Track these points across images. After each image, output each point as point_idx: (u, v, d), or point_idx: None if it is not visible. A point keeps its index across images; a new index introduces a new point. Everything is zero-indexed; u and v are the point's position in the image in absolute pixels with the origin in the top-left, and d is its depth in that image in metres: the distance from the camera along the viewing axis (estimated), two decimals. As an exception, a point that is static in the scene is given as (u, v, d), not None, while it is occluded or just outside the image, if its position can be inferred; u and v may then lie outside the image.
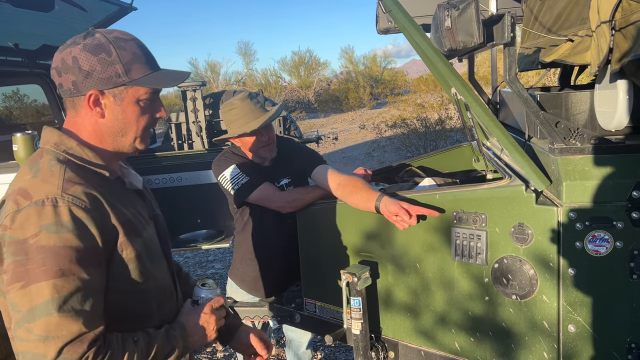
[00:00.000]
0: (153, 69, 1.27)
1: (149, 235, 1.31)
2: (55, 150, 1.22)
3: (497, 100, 2.85)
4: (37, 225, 1.08)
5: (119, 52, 1.21)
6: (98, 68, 1.19)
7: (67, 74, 1.21)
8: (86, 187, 1.16)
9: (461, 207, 1.81)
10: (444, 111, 12.04)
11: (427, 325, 1.96)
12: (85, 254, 1.11)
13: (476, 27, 1.61)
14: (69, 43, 1.22)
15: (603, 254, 1.59)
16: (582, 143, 1.61)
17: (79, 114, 1.26)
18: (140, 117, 1.27)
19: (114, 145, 1.28)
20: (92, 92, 1.21)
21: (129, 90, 1.23)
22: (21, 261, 1.08)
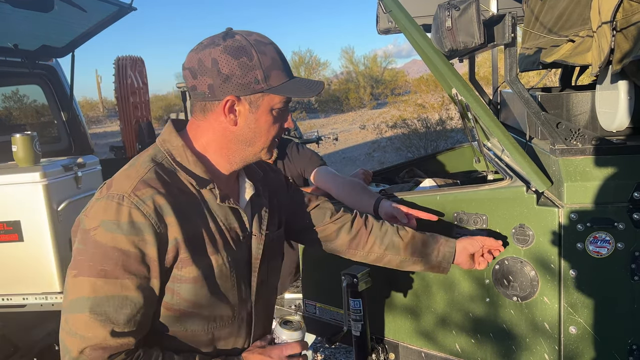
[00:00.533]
0: (289, 77, 1.19)
1: (229, 258, 1.20)
2: (159, 147, 1.19)
3: (498, 100, 2.84)
4: (99, 219, 1.07)
5: (260, 56, 1.13)
6: (238, 72, 1.12)
7: (203, 77, 1.13)
8: (157, 193, 1.10)
9: (462, 208, 1.80)
10: (445, 111, 12.04)
11: (428, 326, 1.95)
12: (135, 261, 1.06)
13: (477, 27, 1.61)
14: (206, 43, 1.15)
15: (604, 255, 1.58)
16: (583, 144, 1.61)
17: (206, 119, 1.19)
18: (271, 126, 1.20)
19: (239, 154, 1.22)
20: (229, 98, 1.14)
21: (265, 98, 1.16)
22: (80, 250, 1.08)
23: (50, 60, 4.15)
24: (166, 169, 1.16)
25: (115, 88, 5.71)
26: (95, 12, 3.64)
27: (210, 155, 1.22)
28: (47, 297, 2.84)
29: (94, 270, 1.05)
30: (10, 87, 4.54)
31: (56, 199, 2.83)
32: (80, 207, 3.24)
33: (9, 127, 4.30)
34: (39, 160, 2.94)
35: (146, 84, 6.35)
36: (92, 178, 3.23)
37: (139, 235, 1.07)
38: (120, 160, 4.44)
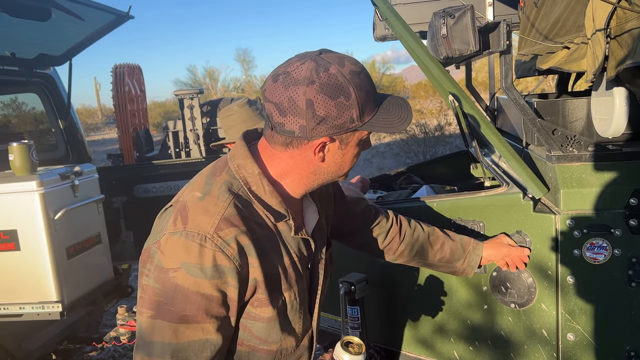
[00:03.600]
0: (378, 103, 1.11)
1: (297, 291, 1.17)
2: (234, 173, 1.11)
3: (494, 106, 2.85)
4: (180, 260, 1.01)
5: (357, 93, 1.04)
6: (334, 114, 1.03)
7: (295, 117, 1.03)
8: (240, 232, 1.04)
9: (459, 215, 1.80)
10: (443, 117, 12.08)
11: (426, 334, 1.94)
12: (217, 305, 1.03)
13: (472, 35, 1.61)
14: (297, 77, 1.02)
15: (601, 261, 1.58)
16: (579, 150, 1.61)
17: (288, 152, 1.10)
18: (355, 157, 1.14)
19: (318, 182, 1.16)
20: (324, 140, 1.06)
21: (355, 134, 1.09)
22: (157, 291, 1.02)
23: (47, 68, 4.15)
24: (244, 201, 1.09)
25: (113, 96, 5.72)
26: (92, 21, 3.64)
27: (285, 183, 1.15)
28: (43, 306, 2.83)
29: (175, 316, 1.00)
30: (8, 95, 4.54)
31: (53, 208, 2.82)
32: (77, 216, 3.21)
33: (6, 136, 4.30)
34: (35, 169, 2.93)
35: (144, 92, 6.36)
36: (89, 186, 3.22)
37: (223, 279, 1.02)
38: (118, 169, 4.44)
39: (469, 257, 1.65)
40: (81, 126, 4.47)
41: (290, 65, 1.05)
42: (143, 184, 4.08)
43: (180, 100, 4.37)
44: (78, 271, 2.99)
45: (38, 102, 4.24)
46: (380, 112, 1.10)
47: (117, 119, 5.74)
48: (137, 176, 4.11)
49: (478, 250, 1.65)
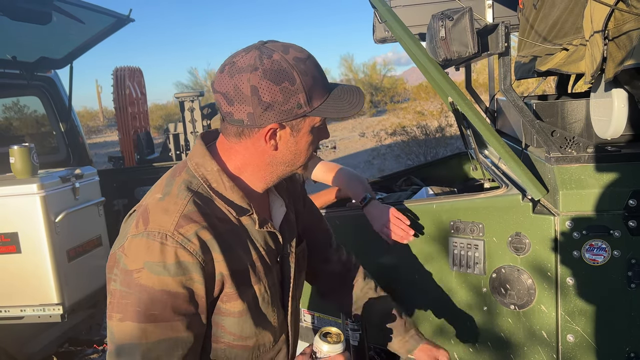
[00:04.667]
0: (328, 90, 1.11)
1: (267, 285, 1.17)
2: (193, 172, 1.12)
3: (494, 108, 2.85)
4: (142, 260, 1.01)
5: (302, 78, 1.05)
6: (280, 99, 1.04)
7: (241, 105, 1.04)
8: (201, 227, 1.05)
9: (458, 217, 1.80)
10: (444, 118, 12.07)
11: (426, 335, 1.94)
12: (184, 301, 1.03)
13: (470, 37, 1.62)
14: (241, 65, 1.04)
15: (601, 263, 1.58)
16: (578, 152, 1.61)
17: (242, 143, 1.12)
18: (310, 145, 1.15)
19: (277, 174, 1.17)
20: (273, 127, 1.07)
21: (306, 120, 1.10)
22: (125, 294, 1.02)
23: (48, 71, 4.16)
24: (204, 198, 1.10)
25: (114, 99, 5.73)
26: (93, 24, 3.65)
27: (245, 177, 1.16)
28: (44, 308, 2.83)
29: (142, 316, 1.00)
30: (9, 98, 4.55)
31: (54, 211, 2.83)
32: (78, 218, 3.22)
33: (7, 139, 4.31)
34: (36, 172, 2.94)
35: (144, 94, 6.37)
36: (90, 189, 3.23)
37: (187, 275, 1.02)
38: (119, 171, 4.45)
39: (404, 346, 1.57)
40: (82, 129, 4.48)
41: (236, 56, 1.07)
42: (144, 187, 4.09)
43: (180, 102, 4.37)
44: (79, 273, 3.00)
45: (39, 105, 4.25)
46: (330, 98, 1.10)
47: (118, 121, 5.74)
48: (138, 179, 4.12)
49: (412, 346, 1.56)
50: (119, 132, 5.70)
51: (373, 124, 18.11)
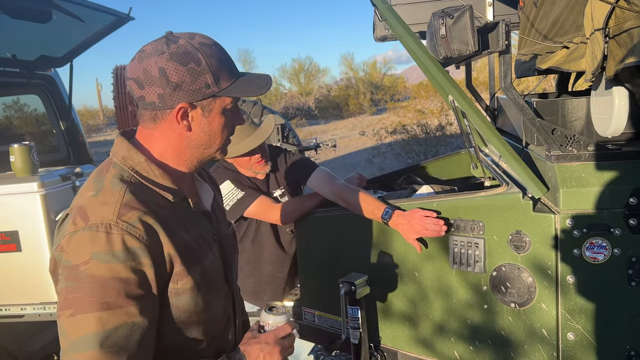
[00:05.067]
0: (236, 75, 1.18)
1: (210, 261, 1.23)
2: (121, 165, 1.15)
3: (495, 106, 2.85)
4: (89, 252, 1.03)
5: (207, 60, 1.12)
6: (187, 79, 1.10)
7: (151, 87, 1.10)
8: (143, 214, 1.08)
9: (459, 215, 1.80)
10: (444, 117, 12.06)
11: (426, 334, 1.94)
12: (136, 286, 1.05)
13: (471, 35, 1.61)
14: (149, 51, 1.12)
15: (601, 261, 1.58)
16: (578, 150, 1.61)
17: (158, 127, 1.16)
18: (225, 126, 1.20)
19: (195, 157, 1.21)
20: (182, 105, 1.12)
21: (216, 101, 1.16)
22: (72, 288, 1.02)
23: (48, 70, 4.16)
24: (138, 187, 1.13)
25: (114, 97, 5.72)
26: (93, 23, 3.64)
27: (170, 163, 1.21)
28: (45, 307, 2.84)
29: (96, 305, 1.01)
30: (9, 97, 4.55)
31: (54, 209, 2.83)
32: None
33: (7, 137, 4.30)
34: (36, 170, 2.94)
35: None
36: (91, 187, 3.22)
37: (136, 260, 1.05)
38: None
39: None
40: (82, 127, 4.47)
41: (146, 45, 1.14)
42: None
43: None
44: (79, 272, 2.99)
45: (39, 104, 4.25)
46: (239, 81, 1.17)
47: (118, 120, 5.73)
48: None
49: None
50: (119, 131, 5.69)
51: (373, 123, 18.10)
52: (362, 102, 25.02)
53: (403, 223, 1.88)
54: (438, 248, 1.86)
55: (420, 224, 1.83)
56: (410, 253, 1.93)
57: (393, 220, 1.90)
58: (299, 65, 30.74)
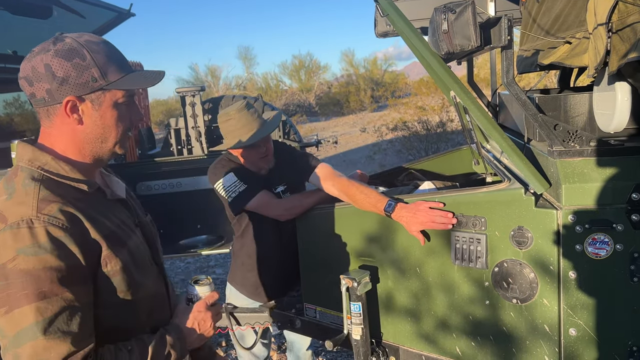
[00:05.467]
0: (127, 71, 1.23)
1: (135, 244, 1.28)
2: (29, 167, 1.17)
3: (496, 102, 2.84)
4: (14, 249, 1.05)
5: (93, 55, 1.16)
6: (73, 74, 1.15)
7: (39, 83, 1.15)
8: (62, 205, 1.12)
9: (461, 211, 1.80)
10: (445, 113, 12.05)
11: (428, 329, 1.95)
12: (67, 273, 1.08)
13: (473, 30, 1.61)
14: (37, 50, 1.17)
15: (603, 256, 1.58)
16: (581, 145, 1.61)
17: (53, 124, 1.20)
18: (119, 120, 1.24)
19: (94, 152, 1.24)
20: (69, 99, 1.16)
21: (106, 95, 1.20)
22: (2, 286, 1.05)
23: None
24: (51, 183, 1.16)
25: (115, 93, 5.70)
26: (93, 19, 3.65)
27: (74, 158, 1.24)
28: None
29: (31, 297, 1.04)
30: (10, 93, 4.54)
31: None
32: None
33: (8, 134, 4.30)
34: (38, 167, 2.94)
35: (145, 90, 6.37)
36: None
37: (63, 249, 1.08)
38: (120, 166, 4.45)
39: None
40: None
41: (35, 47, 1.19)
42: (146, 182, 4.09)
43: (182, 97, 4.37)
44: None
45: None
46: (130, 75, 1.22)
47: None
48: (139, 174, 4.12)
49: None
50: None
51: (374, 119, 18.09)
52: (363, 99, 25.00)
53: (406, 215, 1.87)
54: (440, 244, 1.86)
55: (426, 215, 1.81)
56: (412, 249, 1.93)
57: (396, 212, 1.90)
58: (299, 61, 30.71)
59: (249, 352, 2.60)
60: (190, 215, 4.13)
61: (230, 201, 2.32)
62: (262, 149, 2.34)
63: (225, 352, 3.99)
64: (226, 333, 3.16)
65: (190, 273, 5.98)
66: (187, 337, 1.31)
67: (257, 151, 2.34)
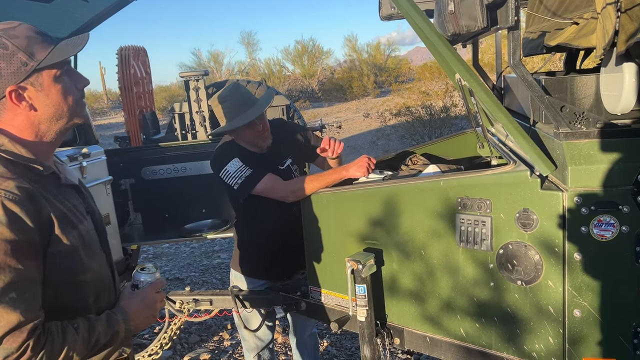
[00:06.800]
0: (52, 44, 1.24)
1: (86, 228, 1.32)
2: None
3: (501, 86, 2.83)
4: None
5: (13, 41, 1.19)
6: (2, 64, 1.17)
7: None
8: (19, 182, 1.16)
9: (466, 194, 1.80)
10: (449, 98, 11.99)
11: (433, 311, 1.96)
12: (21, 247, 1.11)
13: (480, 11, 1.60)
14: None
15: (609, 238, 1.58)
16: (587, 127, 1.60)
17: (4, 116, 1.23)
18: (66, 92, 1.26)
19: (53, 129, 1.27)
20: (10, 89, 1.19)
21: (42, 74, 1.22)
22: None
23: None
24: (8, 162, 1.19)
25: (119, 78, 5.71)
26: (96, 3, 3.62)
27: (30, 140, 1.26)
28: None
29: None
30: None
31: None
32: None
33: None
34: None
35: (149, 74, 6.35)
36: (97, 168, 3.24)
37: (18, 223, 1.11)
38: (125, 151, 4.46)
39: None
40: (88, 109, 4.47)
41: None
42: (150, 166, 4.10)
43: (185, 82, 4.36)
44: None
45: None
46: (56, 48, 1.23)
47: (123, 101, 5.73)
48: (144, 158, 4.13)
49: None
50: (125, 112, 5.69)
51: (377, 105, 18.01)
52: (366, 84, 24.85)
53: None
54: (444, 226, 1.86)
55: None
56: (416, 232, 1.94)
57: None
58: (302, 47, 30.49)
59: (254, 335, 2.62)
60: (195, 200, 4.15)
61: (236, 187, 2.32)
62: (259, 127, 2.36)
63: (230, 335, 4.03)
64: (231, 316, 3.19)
65: (196, 257, 6.02)
66: (132, 319, 1.35)
67: (253, 130, 2.36)
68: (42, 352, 1.11)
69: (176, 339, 3.61)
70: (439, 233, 1.88)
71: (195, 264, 5.81)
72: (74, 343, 1.17)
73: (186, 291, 2.67)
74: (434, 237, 1.90)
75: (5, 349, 1.07)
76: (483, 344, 1.84)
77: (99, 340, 1.24)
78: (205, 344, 3.96)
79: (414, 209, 1.93)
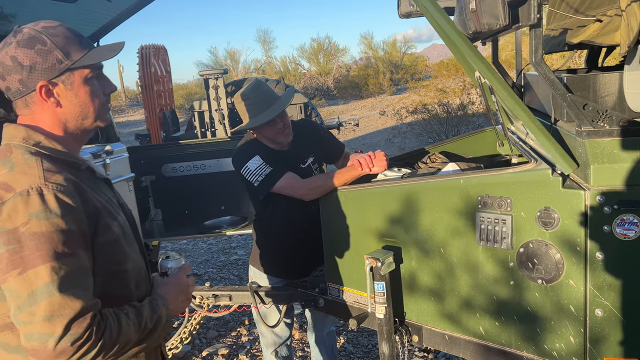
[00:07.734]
0: (88, 48, 1.29)
1: (123, 219, 1.37)
2: (24, 145, 1.23)
3: (521, 83, 2.80)
4: (25, 214, 1.11)
5: (52, 39, 1.23)
6: (39, 59, 1.22)
7: (11, 75, 1.23)
8: (67, 174, 1.21)
9: (486, 192, 1.80)
10: (466, 96, 11.89)
11: (452, 309, 1.96)
12: (76, 237, 1.16)
13: (501, 8, 1.59)
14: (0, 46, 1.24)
15: (632, 237, 1.57)
16: (610, 125, 1.59)
17: (34, 111, 1.28)
18: (94, 95, 1.31)
19: (79, 128, 1.32)
20: (42, 84, 1.23)
21: (74, 74, 1.27)
22: (15, 249, 1.10)
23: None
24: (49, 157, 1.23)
25: (140, 77, 5.78)
26: (119, 2, 3.67)
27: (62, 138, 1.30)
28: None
29: (45, 257, 1.10)
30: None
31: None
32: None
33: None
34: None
35: (169, 72, 6.42)
36: (120, 165, 3.30)
37: (72, 214, 1.15)
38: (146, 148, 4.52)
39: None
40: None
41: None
42: (170, 164, 4.15)
43: (205, 80, 4.40)
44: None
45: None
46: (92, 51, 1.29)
47: (144, 99, 5.80)
48: (164, 156, 4.19)
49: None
50: (145, 110, 5.76)
51: (393, 102, 17.94)
52: (382, 82, 24.74)
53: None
54: (464, 224, 1.86)
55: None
56: (436, 230, 1.94)
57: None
58: (318, 44, 30.46)
59: (272, 331, 2.65)
60: (214, 197, 4.19)
61: (257, 185, 2.35)
62: (279, 124, 2.39)
63: (247, 330, 4.07)
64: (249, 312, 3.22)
65: (213, 254, 6.08)
66: (171, 304, 1.40)
67: (274, 127, 2.39)
68: (103, 337, 1.15)
69: (195, 334, 3.66)
70: (458, 231, 1.88)
71: (212, 260, 5.87)
72: (128, 328, 1.22)
73: (206, 287, 2.71)
74: (453, 235, 1.90)
75: (73, 335, 1.10)
76: (502, 343, 1.84)
77: (147, 325, 1.28)
78: (223, 339, 4.00)
79: (434, 207, 1.93)
